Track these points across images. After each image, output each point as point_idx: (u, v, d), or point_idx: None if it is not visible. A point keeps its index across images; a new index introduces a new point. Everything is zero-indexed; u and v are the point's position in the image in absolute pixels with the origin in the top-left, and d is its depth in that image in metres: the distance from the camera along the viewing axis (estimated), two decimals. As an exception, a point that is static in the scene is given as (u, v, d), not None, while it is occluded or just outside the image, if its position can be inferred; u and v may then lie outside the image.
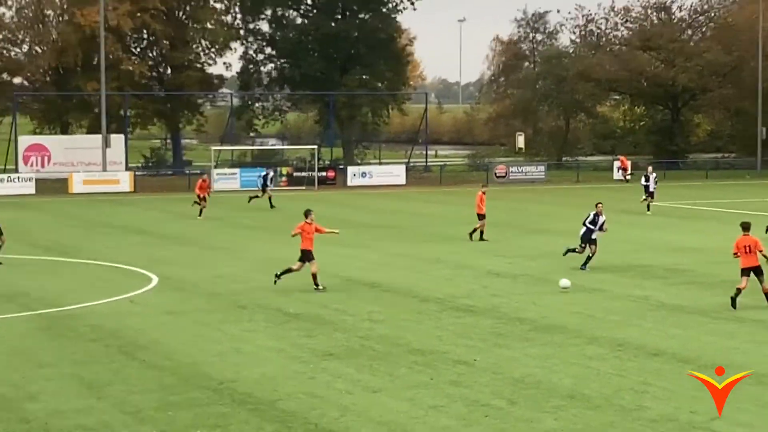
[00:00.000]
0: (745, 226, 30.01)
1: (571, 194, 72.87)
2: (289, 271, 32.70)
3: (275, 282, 32.64)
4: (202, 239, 46.56)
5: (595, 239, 37.11)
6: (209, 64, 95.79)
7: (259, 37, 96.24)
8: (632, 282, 34.24)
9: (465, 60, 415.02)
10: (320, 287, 32.10)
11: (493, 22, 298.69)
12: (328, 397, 20.36)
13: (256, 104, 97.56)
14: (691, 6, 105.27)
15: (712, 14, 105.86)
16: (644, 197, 58.13)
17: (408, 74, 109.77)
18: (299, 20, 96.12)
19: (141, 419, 18.97)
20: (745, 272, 29.53)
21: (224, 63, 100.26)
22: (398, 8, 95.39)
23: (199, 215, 54.69)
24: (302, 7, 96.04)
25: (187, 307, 30.14)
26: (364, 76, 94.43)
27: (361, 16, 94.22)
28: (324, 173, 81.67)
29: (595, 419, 18.82)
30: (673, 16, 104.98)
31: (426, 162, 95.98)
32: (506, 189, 79.85)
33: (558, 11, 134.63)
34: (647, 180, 58.35)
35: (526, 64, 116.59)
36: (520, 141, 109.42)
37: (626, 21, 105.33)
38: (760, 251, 29.49)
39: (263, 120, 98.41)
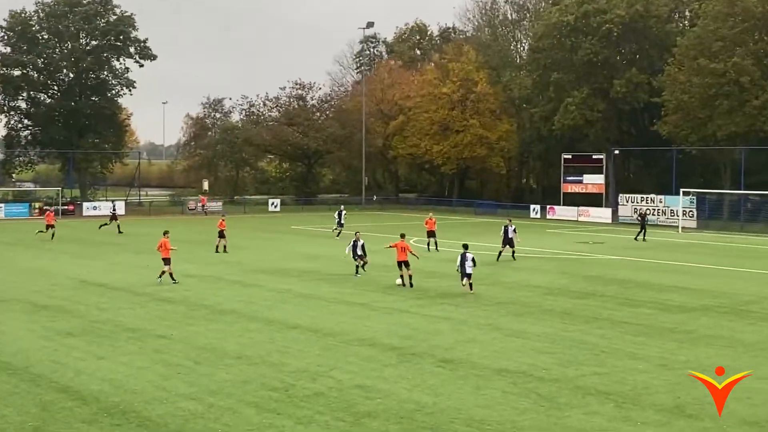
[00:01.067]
0: (402, 235, 33.57)
1: (240, 222, 72.66)
2: (163, 273, 33.15)
3: (158, 281, 32.77)
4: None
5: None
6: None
7: (19, 112, 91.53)
8: (279, 279, 34.51)
9: (167, 129, 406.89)
10: (175, 281, 32.83)
11: (187, 104, 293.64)
12: (66, 363, 19.54)
13: (17, 159, 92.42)
14: (319, 97, 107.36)
15: (333, 102, 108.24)
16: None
17: (126, 138, 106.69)
18: (48, 100, 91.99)
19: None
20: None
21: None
22: (120, 93, 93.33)
23: (51, 238, 51.04)
24: (50, 91, 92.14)
25: (-38, 303, 28.17)
26: (95, 140, 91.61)
27: (93, 98, 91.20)
28: (66, 206, 78.43)
29: (254, 372, 18.87)
30: (308, 103, 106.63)
31: (140, 199, 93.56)
32: (195, 218, 78.91)
33: (230, 98, 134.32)
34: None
35: (209, 133, 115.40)
36: (206, 185, 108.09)
37: (276, 106, 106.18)
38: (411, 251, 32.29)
39: (20, 170, 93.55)
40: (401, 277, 32.46)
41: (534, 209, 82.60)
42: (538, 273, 37.33)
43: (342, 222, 56.73)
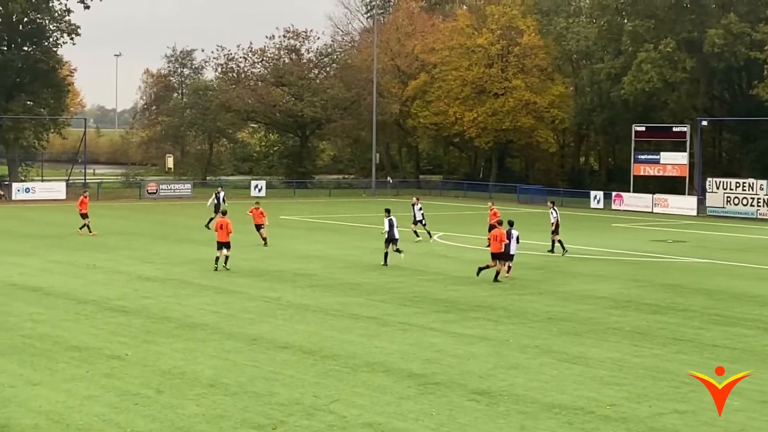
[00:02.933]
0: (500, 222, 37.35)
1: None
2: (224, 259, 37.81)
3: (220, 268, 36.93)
4: None
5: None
6: None
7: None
8: (266, 285, 34.54)
9: (121, 89, 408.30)
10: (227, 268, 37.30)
11: (147, 57, 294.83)
12: (-9, 390, 19.60)
13: None
14: (317, 49, 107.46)
15: (335, 56, 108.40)
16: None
17: (68, 101, 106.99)
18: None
19: None
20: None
21: None
22: (59, 42, 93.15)
23: (89, 231, 51.07)
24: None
25: None
26: (28, 102, 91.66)
27: (25, 48, 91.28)
28: (-10, 189, 78.88)
29: (233, 404, 18.85)
30: (303, 58, 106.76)
31: (85, 179, 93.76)
32: (156, 204, 79.19)
33: (203, 50, 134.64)
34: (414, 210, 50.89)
35: (175, 95, 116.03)
36: (170, 162, 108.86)
37: (262, 60, 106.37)
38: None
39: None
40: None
41: (596, 197, 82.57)
42: (602, 280, 37.28)
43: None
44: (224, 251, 38.09)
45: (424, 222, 50.04)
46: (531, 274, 38.15)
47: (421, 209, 50.04)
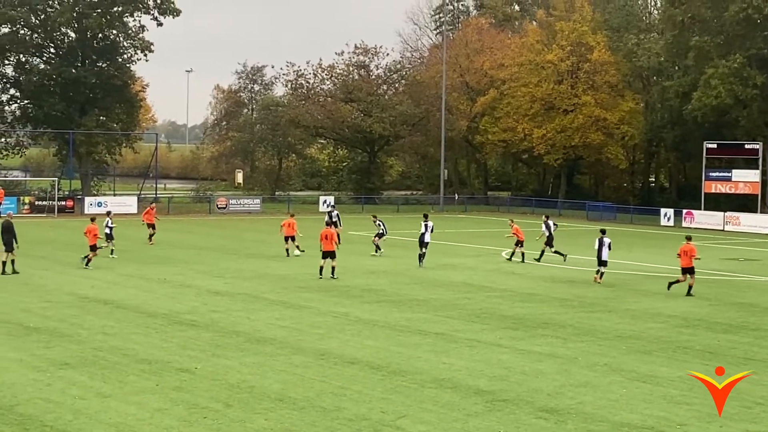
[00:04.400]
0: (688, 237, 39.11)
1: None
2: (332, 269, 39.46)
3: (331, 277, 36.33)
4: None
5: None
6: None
7: (5, 80, 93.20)
8: (334, 300, 34.59)
9: (192, 105, 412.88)
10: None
11: (218, 73, 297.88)
12: (63, 402, 19.83)
13: (1, 140, 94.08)
14: (386, 65, 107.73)
15: (404, 73, 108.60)
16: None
17: (140, 116, 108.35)
18: (42, 66, 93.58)
19: None
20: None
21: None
22: (132, 59, 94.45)
23: (149, 240, 53.81)
24: (45, 54, 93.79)
25: (-67, 323, 28.78)
26: (101, 117, 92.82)
27: (100, 64, 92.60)
28: (63, 202, 79.89)
29: (300, 419, 18.91)
30: (372, 74, 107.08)
31: (156, 194, 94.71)
32: (226, 219, 79.79)
33: (273, 66, 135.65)
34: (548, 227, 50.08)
35: (246, 110, 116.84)
36: (239, 177, 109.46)
37: (331, 77, 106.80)
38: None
39: (5, 153, 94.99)
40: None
41: (666, 214, 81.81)
42: (672, 298, 36.92)
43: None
44: (329, 260, 39.65)
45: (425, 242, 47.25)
46: (600, 292, 37.91)
47: (430, 227, 47.25)
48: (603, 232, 40.98)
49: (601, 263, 40.28)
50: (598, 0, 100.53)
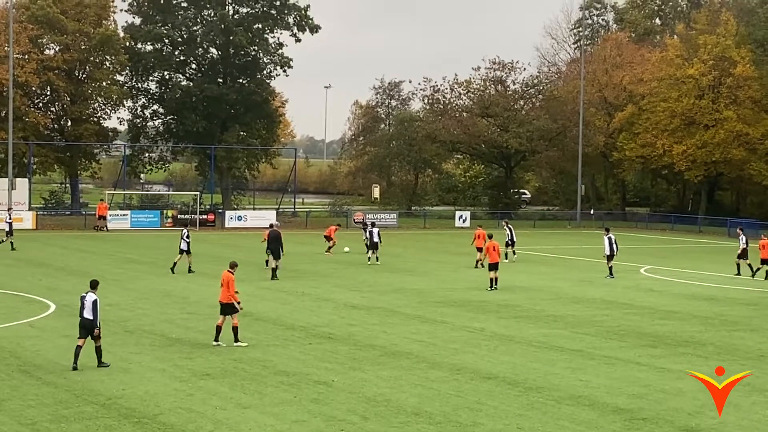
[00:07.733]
0: None
1: (419, 239, 73.40)
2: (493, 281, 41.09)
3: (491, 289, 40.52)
4: (95, 272, 45.62)
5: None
6: (104, 118, 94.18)
7: (148, 96, 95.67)
8: (470, 315, 34.58)
9: (330, 120, 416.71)
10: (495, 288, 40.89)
11: (355, 89, 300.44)
12: (204, 412, 20.23)
13: (144, 154, 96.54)
14: (523, 80, 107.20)
15: (541, 87, 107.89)
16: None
17: (279, 132, 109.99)
18: (184, 82, 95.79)
19: (36, 430, 18.62)
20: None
21: (118, 117, 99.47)
22: (272, 75, 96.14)
23: (327, 251, 57.18)
24: (188, 71, 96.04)
25: (80, 332, 29.58)
26: (241, 133, 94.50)
27: (240, 80, 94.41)
28: (204, 216, 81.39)
29: (436, 433, 18.97)
30: (508, 89, 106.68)
31: (294, 208, 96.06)
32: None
33: (410, 81, 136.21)
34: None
35: (382, 126, 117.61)
36: (376, 192, 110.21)
37: (468, 92, 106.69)
38: None
39: (149, 168, 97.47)
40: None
41: (813, 232, 79.42)
42: (817, 318, 35.91)
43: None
44: (494, 272, 41.51)
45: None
46: (743, 310, 37.09)
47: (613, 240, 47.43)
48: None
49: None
50: (742, 12, 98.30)
